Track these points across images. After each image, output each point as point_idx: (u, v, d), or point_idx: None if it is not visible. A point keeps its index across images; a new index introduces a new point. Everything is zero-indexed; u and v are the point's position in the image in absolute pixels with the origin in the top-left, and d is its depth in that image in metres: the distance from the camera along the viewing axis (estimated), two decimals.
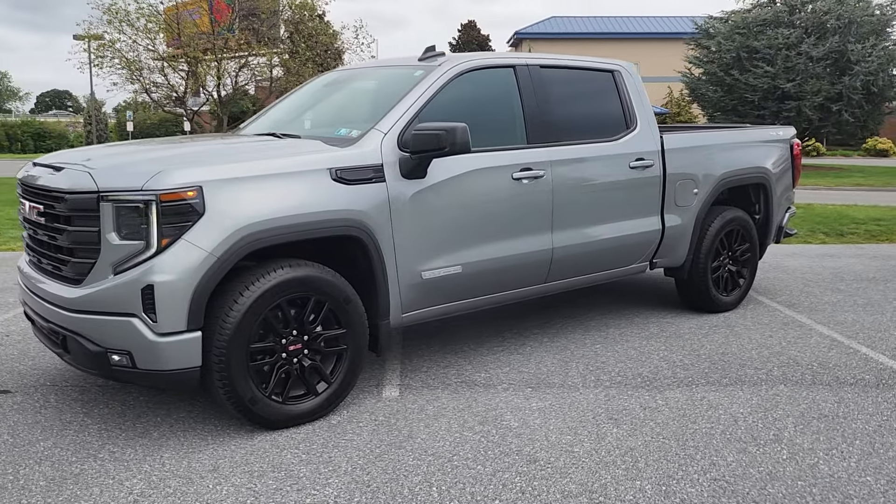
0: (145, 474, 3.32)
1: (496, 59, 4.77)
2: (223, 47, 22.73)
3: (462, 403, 4.15)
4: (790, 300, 6.56)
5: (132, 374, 3.49)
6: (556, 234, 4.81)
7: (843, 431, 3.78)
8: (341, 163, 3.88)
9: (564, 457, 3.50)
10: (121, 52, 23.44)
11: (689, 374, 4.63)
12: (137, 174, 3.44)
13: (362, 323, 3.98)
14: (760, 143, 6.21)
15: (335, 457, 3.49)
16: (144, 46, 23.24)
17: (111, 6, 22.34)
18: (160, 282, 3.36)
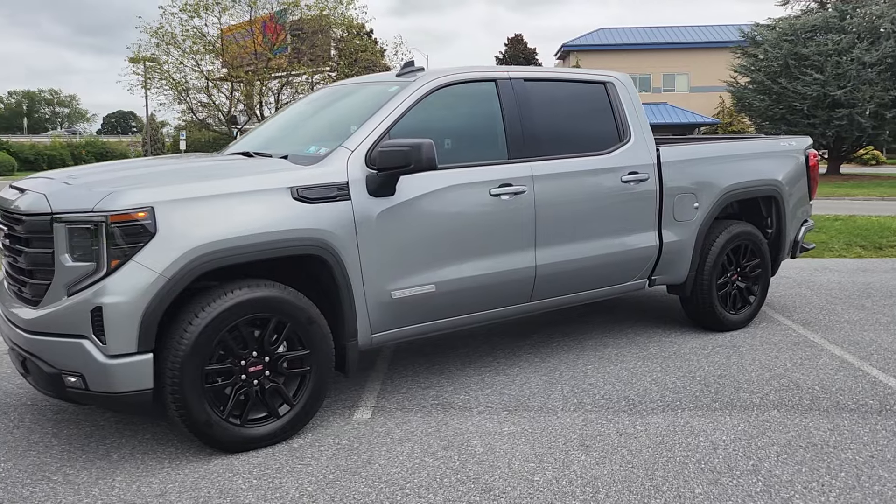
0: (92, 499, 3.28)
1: (476, 74, 4.66)
2: (265, 67, 23.11)
3: (432, 427, 4.02)
4: (807, 318, 6.25)
5: (86, 396, 3.47)
6: (541, 251, 4.66)
7: (830, 462, 3.54)
8: (302, 181, 3.82)
9: (522, 486, 3.35)
10: (168, 73, 24.06)
11: (678, 397, 4.42)
12: (89, 196, 3.44)
13: (327, 344, 3.90)
14: (770, 155, 5.95)
15: (286, 483, 3.41)
16: (190, 67, 23.81)
17: (158, 29, 22.97)
18: (109, 303, 3.33)
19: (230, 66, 23.29)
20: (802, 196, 6.20)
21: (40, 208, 3.48)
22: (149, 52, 23.53)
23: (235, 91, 24.20)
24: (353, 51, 25.08)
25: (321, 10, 23.70)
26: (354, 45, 26.61)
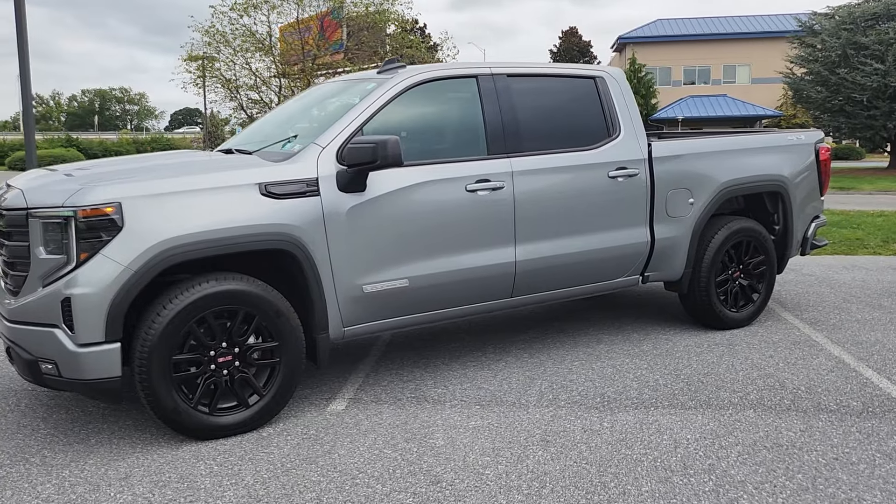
0: (61, 480, 3.45)
1: (455, 70, 4.69)
2: (312, 64, 23.46)
3: (400, 419, 4.09)
4: (816, 317, 6.09)
5: (60, 382, 3.65)
6: (521, 247, 4.66)
7: (790, 464, 3.47)
8: (270, 178, 3.92)
9: (471, 479, 3.38)
10: (219, 70, 24.66)
11: (655, 395, 4.38)
12: (61, 191, 3.60)
13: (296, 336, 3.99)
14: (775, 149, 5.80)
15: (244, 469, 3.52)
16: (240, 65, 24.36)
17: (209, 28, 23.56)
18: (77, 294, 3.49)
19: (278, 64, 23.74)
20: (812, 192, 6.02)
21: (17, 203, 3.67)
22: (201, 50, 24.19)
23: (284, 88, 24.63)
24: (397, 46, 25.21)
25: (367, 6, 23.91)
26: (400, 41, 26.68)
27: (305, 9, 24.36)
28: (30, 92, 10.29)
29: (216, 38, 23.76)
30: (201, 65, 25.09)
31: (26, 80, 10.27)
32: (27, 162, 10.49)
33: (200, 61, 24.80)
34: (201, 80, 24.79)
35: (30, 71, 10.24)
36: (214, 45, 23.92)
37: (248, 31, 23.71)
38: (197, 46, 24.32)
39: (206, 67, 24.70)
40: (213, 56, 24.38)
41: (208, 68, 24.51)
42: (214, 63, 24.40)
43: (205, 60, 24.81)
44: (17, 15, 10.19)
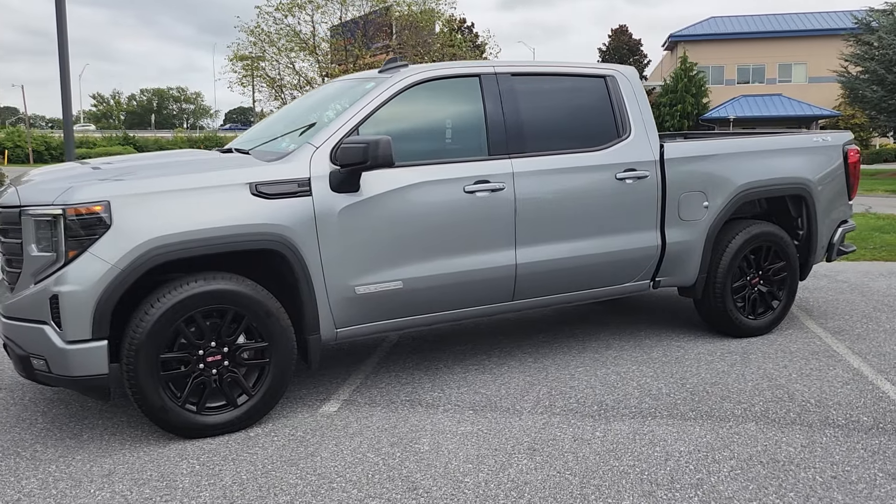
0: (46, 475, 3.49)
1: (457, 69, 4.62)
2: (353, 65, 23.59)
3: (390, 423, 4.04)
4: (841, 326, 5.84)
5: (51, 378, 3.69)
6: (522, 250, 4.57)
7: (784, 481, 3.31)
8: (261, 177, 3.91)
9: (449, 486, 3.31)
10: (264, 70, 24.99)
11: (656, 404, 4.24)
12: (52, 190, 3.65)
13: (286, 337, 3.97)
14: (798, 151, 5.57)
15: (224, 470, 3.51)
16: (284, 65, 24.64)
17: (254, 29, 23.88)
18: (64, 292, 3.53)
19: (322, 64, 23.93)
20: (839, 195, 5.78)
21: (12, 201, 3.73)
22: (247, 50, 24.54)
23: None
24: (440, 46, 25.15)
25: (409, 5, 23.93)
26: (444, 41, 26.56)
27: (349, 9, 24.50)
28: (69, 90, 10.55)
29: (261, 38, 24.06)
30: (247, 64, 25.44)
31: (66, 79, 10.53)
32: (66, 156, 10.78)
33: (246, 61, 25.13)
34: (247, 79, 25.16)
35: (69, 70, 10.50)
36: (259, 45, 24.23)
37: (292, 30, 23.95)
38: (243, 46, 24.68)
39: (253, 67, 25.03)
40: (260, 56, 24.70)
41: (253, 68, 24.83)
42: (260, 63, 24.70)
43: (253, 60, 25.17)
44: (57, 16, 10.45)
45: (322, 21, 24.64)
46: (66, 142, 10.74)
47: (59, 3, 10.36)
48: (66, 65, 10.42)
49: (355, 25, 24.52)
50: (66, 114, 10.75)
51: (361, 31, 23.70)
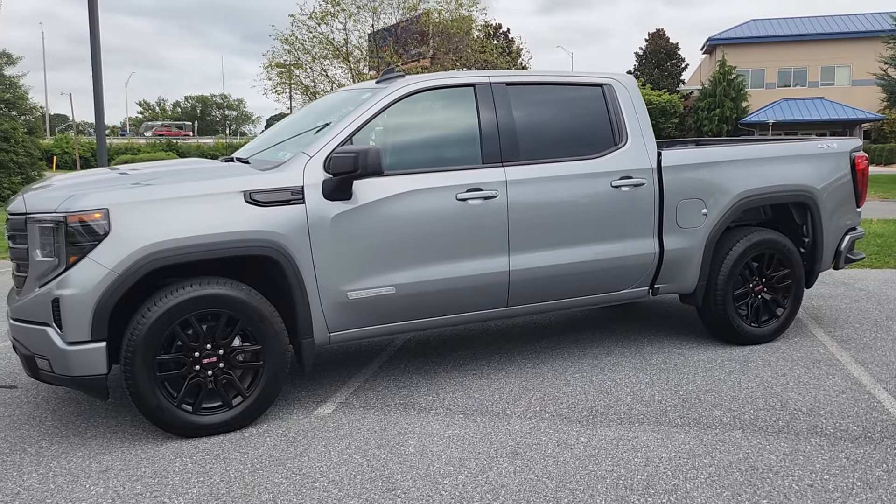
0: (47, 470, 3.66)
1: (452, 80, 4.71)
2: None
3: (380, 426, 4.13)
4: (849, 334, 5.78)
5: (54, 377, 3.87)
6: (515, 257, 4.64)
7: (759, 488, 3.32)
8: (255, 185, 4.04)
9: (427, 488, 3.40)
10: (299, 77, 25.39)
11: (645, 410, 4.27)
12: (55, 198, 3.83)
13: (280, 340, 4.10)
14: (801, 158, 5.54)
15: (214, 468, 3.64)
16: (318, 72, 25.00)
17: (288, 37, 24.29)
18: (65, 295, 3.70)
19: (354, 72, 24.23)
20: (845, 202, 5.72)
21: (19, 209, 3.92)
22: (282, 58, 24.96)
23: None
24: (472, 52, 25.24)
25: (440, 12, 24.11)
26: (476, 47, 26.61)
27: (380, 17, 24.77)
28: (101, 99, 10.90)
29: (295, 47, 24.45)
30: (284, 72, 25.85)
31: (98, 89, 10.88)
32: (98, 162, 11.14)
33: (281, 69, 25.54)
34: (280, 86, 25.59)
35: (102, 77, 10.86)
36: (294, 54, 24.63)
37: (325, 38, 24.30)
38: (278, 54, 25.10)
39: (287, 75, 25.45)
40: (297, 63, 25.09)
41: (287, 75, 25.25)
42: (294, 70, 25.10)
43: (288, 67, 25.58)
44: (91, 29, 10.81)
45: (354, 29, 24.97)
46: (98, 148, 11.10)
47: (92, 17, 10.71)
48: (98, 74, 10.77)
49: (388, 33, 24.78)
50: (99, 121, 11.10)
51: (393, 39, 23.94)
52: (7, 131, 23.48)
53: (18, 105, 24.42)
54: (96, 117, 11.09)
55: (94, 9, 10.72)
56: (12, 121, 23.98)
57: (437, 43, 23.75)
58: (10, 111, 24.26)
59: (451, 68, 25.02)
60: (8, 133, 23.52)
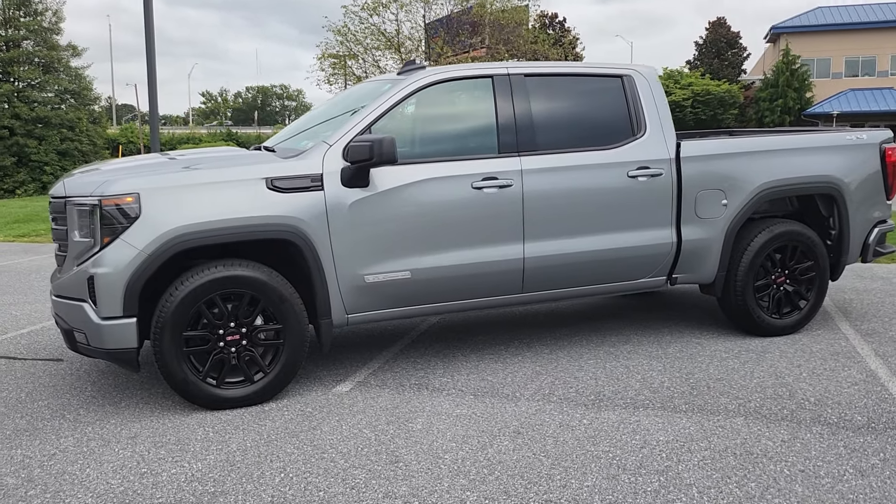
0: (81, 435, 3.96)
1: (470, 71, 4.84)
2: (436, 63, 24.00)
3: (393, 404, 4.32)
4: (875, 328, 5.73)
5: (90, 350, 4.17)
6: (529, 245, 4.76)
7: (749, 472, 3.40)
8: (277, 173, 4.26)
9: (428, 461, 3.57)
10: (350, 68, 25.73)
11: (653, 396, 4.36)
12: (91, 183, 4.11)
13: (299, 320, 4.32)
14: (828, 149, 5.50)
15: (233, 438, 3.88)
16: (370, 63, 25.28)
17: (341, 28, 24.64)
18: (99, 273, 3.98)
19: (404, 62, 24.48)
20: (874, 195, 5.66)
21: (60, 192, 4.22)
22: (335, 49, 25.34)
23: None
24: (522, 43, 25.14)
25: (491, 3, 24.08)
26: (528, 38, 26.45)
27: (431, 7, 24.91)
28: (155, 88, 11.35)
29: (348, 38, 24.78)
30: (337, 62, 26.22)
31: (152, 78, 11.33)
32: (152, 148, 11.64)
33: (334, 59, 25.91)
34: (334, 77, 25.96)
35: (156, 67, 11.29)
36: (346, 45, 24.96)
37: (377, 29, 24.56)
38: (331, 46, 25.48)
39: (340, 66, 25.82)
40: (351, 54, 25.43)
41: (341, 66, 25.62)
42: (347, 61, 25.45)
43: (344, 58, 25.96)
44: (145, 13, 11.24)
45: (406, 20, 25.17)
46: (151, 135, 11.59)
47: (147, 11, 11.15)
48: (153, 64, 11.22)
49: (440, 24, 24.91)
50: (153, 110, 11.57)
51: (444, 30, 24.06)
52: (72, 121, 24.45)
53: (83, 96, 25.35)
54: (150, 106, 11.55)
55: (148, 4, 11.15)
56: (77, 111, 24.94)
57: (490, 34, 23.76)
58: (75, 102, 25.22)
59: (504, 59, 25.05)
60: (73, 122, 24.48)
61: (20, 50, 24.65)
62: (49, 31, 25.22)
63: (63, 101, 25.66)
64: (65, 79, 25.41)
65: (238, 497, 3.25)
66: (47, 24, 25.22)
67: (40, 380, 4.88)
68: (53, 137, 24.27)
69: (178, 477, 3.45)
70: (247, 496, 3.26)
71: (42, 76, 24.83)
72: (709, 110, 44.65)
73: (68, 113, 24.92)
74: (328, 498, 3.23)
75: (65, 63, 25.52)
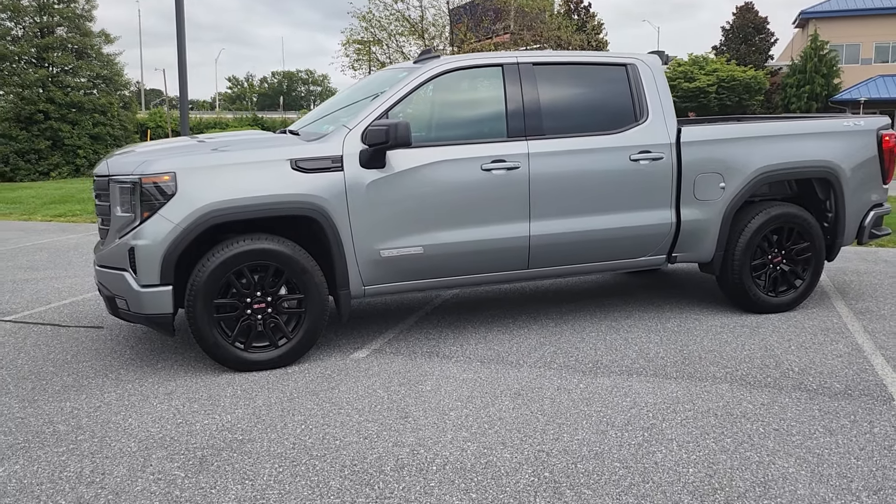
0: (123, 391, 4.38)
1: (482, 60, 5.16)
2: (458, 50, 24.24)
3: (405, 368, 4.69)
4: (869, 307, 5.99)
5: (130, 315, 4.57)
6: (535, 223, 5.09)
7: (727, 429, 3.72)
8: (300, 154, 4.63)
9: (434, 416, 3.93)
10: (374, 54, 26.07)
11: (647, 365, 4.68)
12: (132, 163, 4.51)
13: (319, 291, 4.69)
14: (825, 135, 5.75)
15: (259, 395, 4.28)
16: (394, 49, 25.60)
17: (366, 14, 24.98)
18: (139, 245, 4.38)
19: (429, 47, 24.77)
20: (870, 179, 5.90)
21: (103, 171, 4.63)
22: (359, 35, 25.70)
23: None
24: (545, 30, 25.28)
25: None
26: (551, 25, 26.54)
27: None
28: (185, 74, 11.77)
29: (372, 24, 25.11)
30: (362, 48, 26.56)
31: (182, 64, 11.75)
32: (182, 132, 12.10)
33: (358, 45, 26.25)
34: (358, 63, 26.33)
35: (186, 56, 11.72)
36: (371, 31, 25.30)
37: (401, 15, 24.85)
38: (356, 31, 25.84)
39: (365, 52, 26.17)
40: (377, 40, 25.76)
41: (365, 52, 25.97)
42: (371, 47, 25.79)
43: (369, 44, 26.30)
44: (177, 7, 11.66)
45: (430, 6, 25.43)
46: (181, 119, 12.09)
47: None
48: (182, 51, 11.63)
49: (463, 10, 25.13)
50: (183, 95, 12.02)
51: (468, 17, 24.28)
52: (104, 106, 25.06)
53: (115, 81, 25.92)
54: (180, 92, 12.00)
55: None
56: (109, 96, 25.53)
57: (514, 20, 23.95)
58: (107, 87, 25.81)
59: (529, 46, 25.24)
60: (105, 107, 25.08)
61: (54, 36, 25.28)
62: (82, 17, 25.81)
63: (95, 87, 26.30)
64: (97, 64, 26.03)
65: (263, 444, 3.63)
66: (80, 10, 25.81)
67: (83, 344, 5.31)
68: (86, 122, 24.93)
69: (209, 427, 3.85)
70: (271, 443, 3.64)
71: (75, 62, 25.47)
72: (734, 96, 44.38)
73: (100, 98, 25.55)
74: (343, 446, 3.61)
75: (97, 49, 26.13)
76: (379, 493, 3.16)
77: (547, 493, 3.14)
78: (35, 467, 3.41)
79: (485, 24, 24.25)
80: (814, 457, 3.42)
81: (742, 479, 3.23)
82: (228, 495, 3.15)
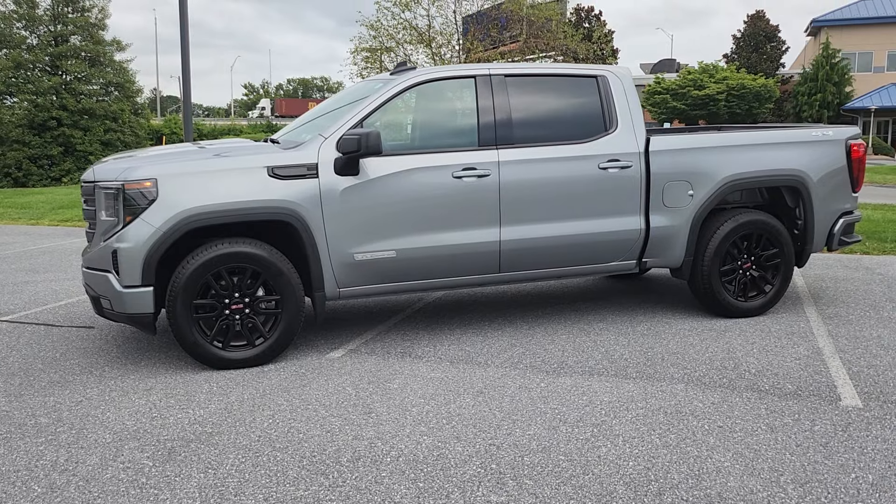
0: (104, 387, 4.60)
1: (455, 72, 5.36)
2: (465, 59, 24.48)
3: (376, 368, 4.88)
4: (839, 312, 6.12)
5: (114, 315, 4.80)
6: (506, 229, 5.27)
7: (673, 426, 3.88)
8: (277, 162, 4.84)
9: (397, 412, 4.12)
10: (382, 62, 26.34)
11: (610, 366, 4.85)
12: (116, 169, 4.74)
13: (295, 293, 4.90)
14: (794, 144, 5.91)
15: (233, 391, 4.48)
16: (402, 57, 25.85)
17: (374, 23, 25.27)
18: (121, 248, 4.61)
19: (434, 57, 25.00)
20: (839, 188, 6.05)
21: (90, 178, 4.86)
22: (368, 43, 26.00)
23: None
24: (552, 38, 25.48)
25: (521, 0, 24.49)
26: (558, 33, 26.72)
27: (461, 3, 25.39)
28: (188, 81, 12.06)
29: (380, 32, 25.40)
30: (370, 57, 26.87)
31: (186, 71, 12.03)
32: (185, 138, 12.39)
33: (367, 53, 26.54)
34: (366, 71, 26.60)
35: (189, 62, 11.99)
36: (379, 39, 25.59)
37: (409, 24, 25.13)
38: (364, 40, 26.13)
39: (373, 60, 26.45)
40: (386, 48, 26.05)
41: (373, 60, 26.25)
42: (380, 55, 26.07)
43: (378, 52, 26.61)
44: (181, 14, 11.95)
45: (437, 15, 25.68)
46: (185, 126, 12.34)
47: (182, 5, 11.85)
48: (186, 57, 11.92)
49: (471, 19, 25.39)
50: (186, 101, 12.29)
51: (474, 26, 24.54)
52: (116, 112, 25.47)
53: (126, 88, 26.33)
54: (183, 98, 12.30)
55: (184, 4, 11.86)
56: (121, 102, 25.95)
57: (521, 29, 24.18)
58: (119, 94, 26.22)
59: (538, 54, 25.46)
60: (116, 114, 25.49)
61: (68, 45, 25.76)
62: (95, 26, 26.28)
63: (108, 94, 26.75)
64: (109, 72, 26.48)
65: (231, 437, 3.84)
66: (94, 20, 26.28)
67: (73, 343, 5.55)
68: (98, 128, 25.35)
69: (182, 420, 4.06)
70: (238, 436, 3.85)
71: (88, 69, 25.92)
72: (744, 104, 44.38)
73: (112, 105, 25.98)
74: (306, 439, 3.80)
75: (109, 57, 26.58)
76: (332, 481, 3.35)
77: (490, 483, 3.32)
78: (14, 456, 3.62)
79: (493, 33, 24.49)
80: (751, 452, 3.58)
81: (678, 472, 3.39)
82: (191, 483, 3.35)
